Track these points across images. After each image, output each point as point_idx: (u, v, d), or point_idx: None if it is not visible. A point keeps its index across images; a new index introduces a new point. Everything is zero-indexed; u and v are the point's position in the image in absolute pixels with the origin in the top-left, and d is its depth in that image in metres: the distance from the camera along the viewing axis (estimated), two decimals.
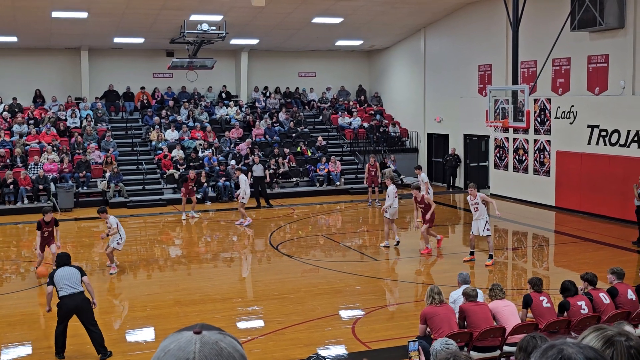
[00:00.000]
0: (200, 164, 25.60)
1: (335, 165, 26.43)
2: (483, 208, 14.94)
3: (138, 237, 19.76)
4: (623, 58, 19.49)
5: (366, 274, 14.51)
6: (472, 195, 14.96)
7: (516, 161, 23.53)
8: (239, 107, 30.29)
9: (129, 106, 29.52)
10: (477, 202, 14.91)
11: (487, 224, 14.94)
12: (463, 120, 26.23)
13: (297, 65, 32.54)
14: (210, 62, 24.01)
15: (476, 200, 14.89)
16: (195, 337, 1.87)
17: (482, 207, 14.91)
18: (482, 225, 14.87)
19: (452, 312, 8.81)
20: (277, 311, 12.00)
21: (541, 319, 9.03)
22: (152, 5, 22.79)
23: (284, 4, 23.56)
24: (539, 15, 21.64)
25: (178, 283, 14.13)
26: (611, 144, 19.75)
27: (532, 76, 22.25)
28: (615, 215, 19.43)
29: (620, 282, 9.82)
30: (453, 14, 26.66)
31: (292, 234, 19.40)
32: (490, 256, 15.05)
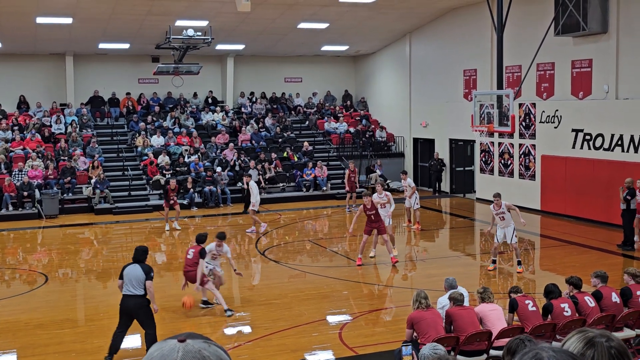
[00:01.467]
0: (186, 169, 25.54)
1: (321, 171, 26.46)
2: (509, 216, 14.83)
3: (124, 243, 19.68)
4: (606, 63, 19.66)
5: (353, 279, 14.52)
6: (497, 205, 14.83)
7: (502, 165, 23.65)
8: (225, 112, 30.26)
9: (114, 112, 29.42)
10: (503, 211, 14.76)
11: (515, 231, 14.79)
12: (449, 124, 26.34)
13: (283, 71, 32.57)
14: (196, 67, 23.98)
15: (502, 210, 14.75)
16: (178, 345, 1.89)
17: (508, 215, 14.79)
18: (511, 233, 14.68)
19: (438, 317, 8.85)
20: (264, 317, 11.99)
21: (527, 322, 9.08)
22: (137, 11, 22.75)
23: (269, 10, 23.59)
24: (523, 20, 21.79)
25: (165, 289, 14.07)
26: (595, 148, 19.90)
27: (517, 81, 22.39)
28: (599, 219, 19.57)
29: (604, 286, 9.90)
30: (438, 19, 26.79)
31: (278, 240, 19.39)
32: (519, 262, 14.91)
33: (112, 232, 21.07)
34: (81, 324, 12.14)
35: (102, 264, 16.71)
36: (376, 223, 15.55)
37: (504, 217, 14.83)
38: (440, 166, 26.83)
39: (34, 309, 12.69)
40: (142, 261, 10.06)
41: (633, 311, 9.52)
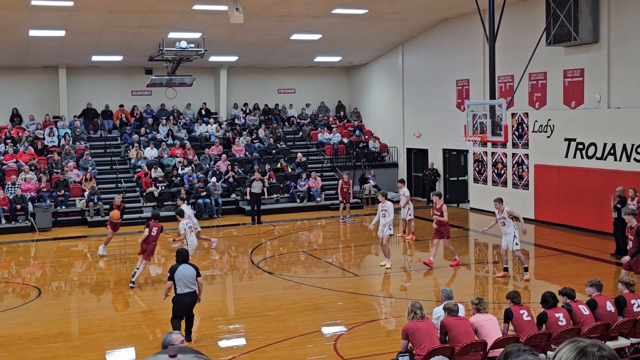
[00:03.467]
0: (180, 181, 25.51)
1: (315, 181, 26.46)
2: (510, 222, 14.92)
3: (118, 256, 19.61)
4: (598, 72, 19.76)
5: (347, 290, 14.50)
6: (499, 210, 14.98)
7: (495, 175, 23.70)
8: (219, 124, 30.27)
9: (107, 124, 29.39)
10: (504, 216, 14.89)
11: (516, 238, 14.86)
12: (442, 134, 26.40)
13: (277, 82, 32.62)
14: (189, 79, 23.97)
15: (503, 215, 14.88)
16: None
17: (509, 221, 14.90)
18: (511, 240, 14.81)
19: (433, 327, 8.83)
20: (259, 329, 11.95)
21: (522, 332, 9.07)
22: (130, 24, 22.78)
23: (262, 21, 23.65)
24: (515, 30, 21.90)
25: (158, 302, 14.01)
26: (588, 157, 19.96)
27: (509, 90, 22.48)
28: (593, 228, 19.61)
29: (599, 294, 9.91)
30: (430, 30, 26.90)
31: (273, 251, 19.36)
32: (525, 269, 15.00)
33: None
34: (75, 337, 12.07)
35: (96, 276, 16.65)
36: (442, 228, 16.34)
37: (504, 223, 14.95)
38: (435, 176, 26.86)
39: (27, 323, 12.62)
40: (187, 261, 11.08)
41: (628, 320, 9.52)
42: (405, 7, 22.88)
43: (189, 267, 10.96)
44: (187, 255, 11.23)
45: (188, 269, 10.91)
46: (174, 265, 11.00)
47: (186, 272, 10.87)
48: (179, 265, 10.95)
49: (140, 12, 21.60)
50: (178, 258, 11.09)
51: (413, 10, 23.53)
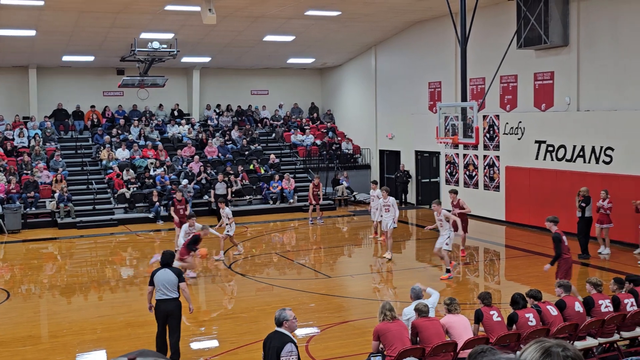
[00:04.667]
0: (152, 182, 25.34)
1: (288, 183, 26.45)
2: (447, 225, 15.31)
3: (88, 258, 19.44)
4: (568, 75, 20.02)
5: (320, 292, 14.51)
6: (437, 212, 15.44)
7: (466, 177, 23.89)
8: (191, 125, 30.13)
9: (78, 125, 29.10)
10: (440, 218, 15.34)
11: (449, 239, 15.31)
12: (414, 136, 26.55)
13: (250, 83, 32.57)
14: (161, 80, 23.83)
15: (440, 217, 15.32)
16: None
17: (446, 223, 15.31)
18: (442, 241, 15.31)
19: (404, 328, 8.87)
20: (231, 331, 11.92)
21: (492, 333, 9.15)
22: (101, 24, 22.58)
23: (235, 23, 23.60)
24: (487, 33, 22.10)
25: (130, 304, 13.92)
26: (558, 159, 20.20)
27: (481, 93, 22.67)
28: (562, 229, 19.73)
29: (567, 295, 10.03)
30: (403, 32, 27.04)
31: (245, 253, 19.30)
32: (447, 270, 15.35)
33: (76, 246, 20.79)
34: (44, 340, 11.93)
35: (66, 279, 16.48)
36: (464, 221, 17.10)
37: (442, 225, 15.39)
38: (406, 178, 26.99)
39: None
40: (170, 264, 10.35)
41: (595, 320, 9.65)
42: (378, 9, 22.98)
43: (170, 271, 10.14)
44: (170, 258, 10.43)
45: (168, 274, 10.11)
46: (155, 269, 10.38)
47: (165, 276, 10.09)
48: (159, 269, 10.24)
49: (112, 12, 21.43)
50: (162, 261, 10.38)
51: (386, 12, 23.63)
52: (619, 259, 16.76)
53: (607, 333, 9.84)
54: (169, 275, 10.12)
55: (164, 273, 10.16)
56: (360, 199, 27.99)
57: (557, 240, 12.57)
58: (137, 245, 20.85)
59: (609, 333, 9.86)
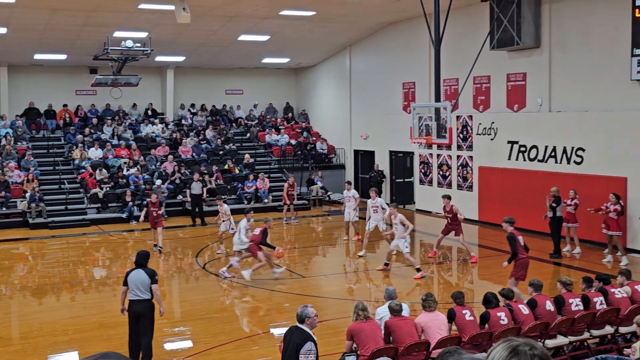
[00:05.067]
0: (125, 182, 25.16)
1: (263, 183, 26.40)
2: (402, 229, 15.63)
3: (60, 258, 19.26)
4: (539, 76, 20.23)
5: (294, 292, 14.52)
6: (394, 215, 15.81)
7: (440, 177, 24.03)
8: (165, 124, 29.96)
9: (50, 124, 28.80)
10: (396, 222, 15.70)
11: (407, 242, 15.69)
12: (388, 136, 26.65)
13: (224, 83, 32.47)
14: (135, 79, 23.66)
15: (396, 221, 15.67)
16: None
17: (401, 228, 15.63)
18: (402, 243, 15.61)
19: (377, 328, 8.91)
20: (204, 331, 11.88)
21: (464, 332, 9.23)
22: (74, 22, 22.36)
23: (209, 22, 23.50)
24: (460, 34, 22.25)
25: (103, 305, 13.82)
26: (530, 160, 20.41)
27: (454, 93, 22.82)
28: (534, 229, 20.03)
29: (539, 294, 10.14)
30: (378, 33, 27.13)
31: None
32: (418, 269, 15.54)
33: (48, 247, 20.57)
34: (15, 342, 11.80)
35: (38, 280, 16.30)
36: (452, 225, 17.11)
37: (397, 228, 15.76)
38: (380, 177, 27.09)
39: None
40: (144, 265, 10.18)
41: (566, 318, 9.78)
42: (353, 9, 23.03)
43: (142, 272, 10.00)
44: (144, 259, 10.21)
45: (140, 275, 9.98)
46: (129, 270, 10.22)
47: (137, 277, 9.97)
48: (133, 269, 10.14)
49: (84, 11, 21.22)
50: (136, 261, 10.25)
51: (361, 13, 23.70)
52: (589, 258, 16.98)
53: (578, 331, 9.98)
54: (141, 276, 10.00)
55: (137, 274, 10.04)
56: (335, 199, 28.03)
57: (511, 239, 12.73)
58: (110, 245, 20.69)
59: (579, 331, 9.99)
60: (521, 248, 12.75)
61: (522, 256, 12.75)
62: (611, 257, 16.55)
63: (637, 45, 16.90)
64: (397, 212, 15.81)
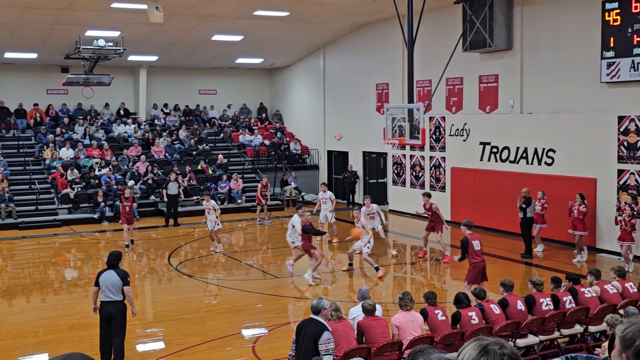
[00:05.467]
0: (97, 183, 24.93)
1: (237, 183, 26.32)
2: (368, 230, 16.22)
3: (31, 259, 19.04)
4: (511, 78, 20.43)
5: (268, 292, 14.51)
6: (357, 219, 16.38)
7: (413, 177, 24.16)
8: (138, 124, 29.75)
9: (21, 123, 28.45)
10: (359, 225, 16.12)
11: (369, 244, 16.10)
12: (362, 137, 26.73)
13: (198, 83, 32.33)
14: (107, 78, 23.48)
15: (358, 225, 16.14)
16: None
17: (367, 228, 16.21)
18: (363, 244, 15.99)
19: (350, 328, 8.93)
20: (177, 332, 11.82)
21: (436, 332, 9.29)
22: (45, 20, 22.10)
23: (183, 21, 23.38)
24: (433, 36, 22.39)
25: (74, 306, 13.70)
26: (502, 161, 20.61)
27: (427, 95, 22.96)
28: (506, 229, 20.24)
29: (510, 294, 10.25)
30: (351, 34, 27.20)
31: (193, 253, 19.17)
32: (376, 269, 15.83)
33: (18, 248, 20.32)
34: None
35: (7, 281, 16.10)
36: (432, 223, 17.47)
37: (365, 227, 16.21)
38: (354, 178, 27.17)
39: None
40: (115, 266, 10.10)
41: (537, 318, 9.89)
42: (327, 10, 23.07)
43: (114, 273, 9.92)
44: (115, 260, 10.14)
45: (112, 276, 9.89)
46: (101, 270, 10.15)
47: (109, 278, 9.88)
48: (105, 270, 10.04)
49: (56, 9, 20.99)
50: (107, 262, 10.12)
51: (334, 14, 23.74)
52: (559, 258, 17.18)
53: (548, 330, 10.10)
54: (113, 278, 9.92)
55: (108, 275, 9.96)
56: (309, 199, 28.04)
57: (462, 244, 12.85)
58: (81, 246, 20.50)
59: (549, 330, 10.12)
60: (474, 252, 12.82)
61: (475, 260, 12.82)
62: (580, 257, 16.77)
63: (607, 48, 17.15)
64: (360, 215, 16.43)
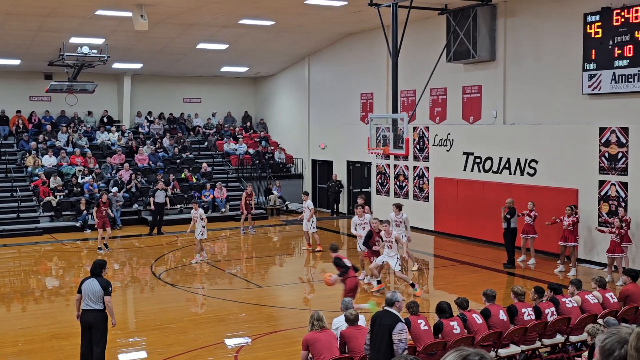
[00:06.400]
0: (80, 190, 24.77)
1: (220, 192, 26.25)
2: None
3: (11, 267, 18.88)
4: (494, 89, 20.57)
5: (251, 302, 14.47)
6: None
7: (397, 187, 24.23)
8: (122, 132, 29.63)
9: (3, 130, 28.26)
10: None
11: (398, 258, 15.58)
12: (346, 147, 26.78)
13: (182, 91, 32.28)
14: (91, 85, 23.40)
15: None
16: None
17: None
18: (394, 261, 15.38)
19: (333, 338, 8.93)
20: (159, 342, 11.75)
21: (419, 341, 9.30)
22: (28, 26, 21.99)
23: (168, 29, 23.36)
24: (417, 46, 22.51)
25: (55, 315, 13.60)
26: (485, 171, 20.72)
27: (411, 105, 23.06)
28: (488, 239, 20.33)
29: (492, 304, 10.28)
30: (336, 44, 27.29)
31: (175, 262, 19.09)
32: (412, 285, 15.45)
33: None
34: None
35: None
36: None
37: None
38: (338, 187, 27.20)
39: None
40: (98, 275, 10.01)
41: (518, 328, 9.93)
42: (312, 20, 23.13)
43: (96, 282, 9.82)
44: (98, 268, 10.03)
45: (93, 284, 9.80)
46: (84, 278, 10.06)
47: (90, 287, 9.80)
48: (87, 278, 9.96)
49: (40, 15, 20.90)
50: (91, 270, 10.04)
51: (319, 23, 23.82)
52: (542, 269, 17.27)
53: (530, 340, 10.14)
54: (94, 287, 9.82)
55: (90, 283, 9.88)
56: (293, 208, 28.03)
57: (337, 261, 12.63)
58: (63, 254, 20.35)
59: (531, 340, 10.16)
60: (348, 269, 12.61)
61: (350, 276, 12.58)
62: (563, 267, 16.84)
63: (588, 60, 17.33)
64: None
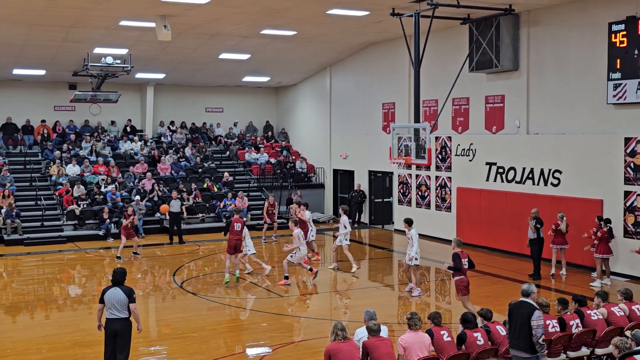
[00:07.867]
0: (102, 199, 24.96)
1: (242, 201, 26.31)
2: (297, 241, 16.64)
3: (35, 275, 19.02)
4: (518, 98, 20.45)
5: (272, 311, 14.45)
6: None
7: (419, 197, 24.13)
8: (144, 141, 29.83)
9: (28, 140, 28.58)
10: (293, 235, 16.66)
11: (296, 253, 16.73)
12: (368, 156, 26.75)
13: (204, 100, 32.47)
14: (114, 95, 23.59)
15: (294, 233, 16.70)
16: None
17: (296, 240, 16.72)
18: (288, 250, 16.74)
19: (355, 348, 8.88)
20: (181, 351, 11.77)
21: (442, 353, 9.23)
22: (53, 37, 22.25)
23: (190, 39, 23.52)
24: (440, 56, 22.46)
25: (78, 323, 13.66)
26: (508, 181, 20.57)
27: (434, 114, 22.99)
28: (512, 250, 20.17)
29: None
30: (358, 53, 27.30)
31: (197, 271, 19.14)
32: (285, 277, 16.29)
33: (23, 264, 20.32)
34: None
35: (12, 297, 16.08)
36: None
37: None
38: (362, 197, 27.16)
39: None
40: (121, 283, 10.05)
41: None
42: (334, 30, 23.17)
43: (120, 290, 9.87)
44: (121, 277, 10.06)
45: (117, 293, 9.84)
46: (106, 287, 10.06)
47: (114, 295, 9.83)
48: (110, 287, 9.98)
49: (64, 26, 21.14)
50: (113, 279, 10.06)
51: (341, 33, 23.85)
52: (569, 280, 17.07)
53: (554, 353, 10.01)
54: (118, 295, 9.86)
55: (114, 292, 9.89)
56: (314, 218, 27.99)
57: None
58: (86, 263, 20.48)
59: (555, 353, 10.03)
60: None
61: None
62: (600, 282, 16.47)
63: (613, 70, 17.17)
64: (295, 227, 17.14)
